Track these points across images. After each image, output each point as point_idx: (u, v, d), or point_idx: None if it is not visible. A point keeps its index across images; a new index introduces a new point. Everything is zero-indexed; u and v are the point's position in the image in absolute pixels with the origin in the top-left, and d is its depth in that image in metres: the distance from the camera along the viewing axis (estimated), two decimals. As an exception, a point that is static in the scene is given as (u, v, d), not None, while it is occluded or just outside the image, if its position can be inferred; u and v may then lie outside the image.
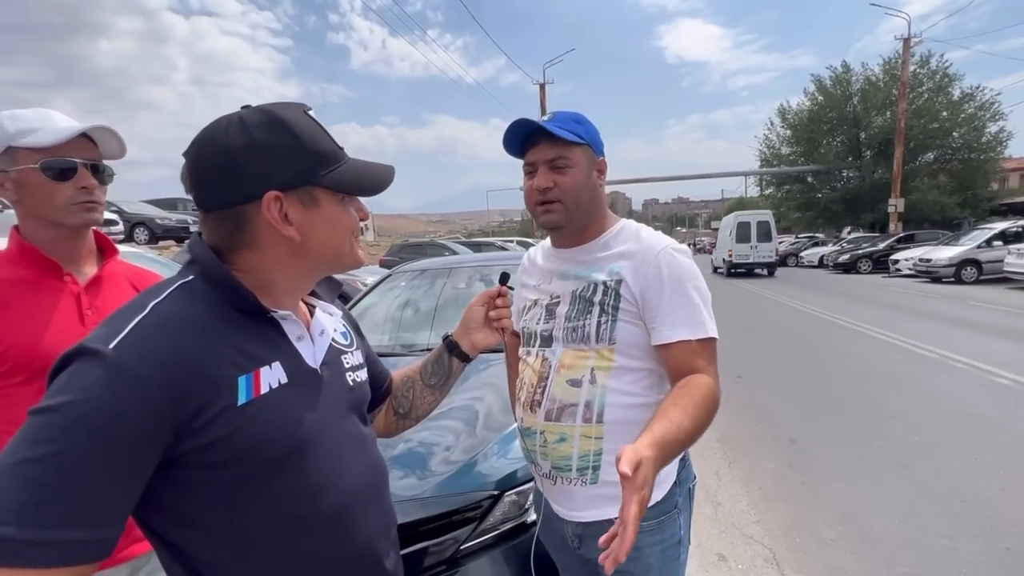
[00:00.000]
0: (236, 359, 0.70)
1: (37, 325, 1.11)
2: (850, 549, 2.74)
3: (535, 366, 1.21)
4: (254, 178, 0.72)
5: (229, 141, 0.71)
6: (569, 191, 1.14)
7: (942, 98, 27.43)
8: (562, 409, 1.14)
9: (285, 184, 0.73)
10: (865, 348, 7.31)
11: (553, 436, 1.15)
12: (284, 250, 0.76)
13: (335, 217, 0.78)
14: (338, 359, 0.88)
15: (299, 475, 0.73)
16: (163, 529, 0.70)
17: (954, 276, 14.84)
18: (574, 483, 1.15)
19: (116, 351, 0.61)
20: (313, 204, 0.75)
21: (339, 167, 0.77)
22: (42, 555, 0.55)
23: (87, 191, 1.16)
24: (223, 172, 0.72)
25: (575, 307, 1.17)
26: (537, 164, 1.15)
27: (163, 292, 0.71)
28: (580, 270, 1.19)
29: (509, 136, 1.17)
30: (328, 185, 0.75)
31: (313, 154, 0.74)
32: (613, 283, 1.13)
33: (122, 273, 1.31)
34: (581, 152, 1.14)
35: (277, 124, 0.73)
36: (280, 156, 0.72)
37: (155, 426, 0.61)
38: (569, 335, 1.16)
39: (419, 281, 3.68)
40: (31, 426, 0.58)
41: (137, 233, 14.02)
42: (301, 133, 0.74)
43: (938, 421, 4.41)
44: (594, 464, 1.13)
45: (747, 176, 44.54)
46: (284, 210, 0.73)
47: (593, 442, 1.13)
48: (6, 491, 0.55)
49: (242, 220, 0.73)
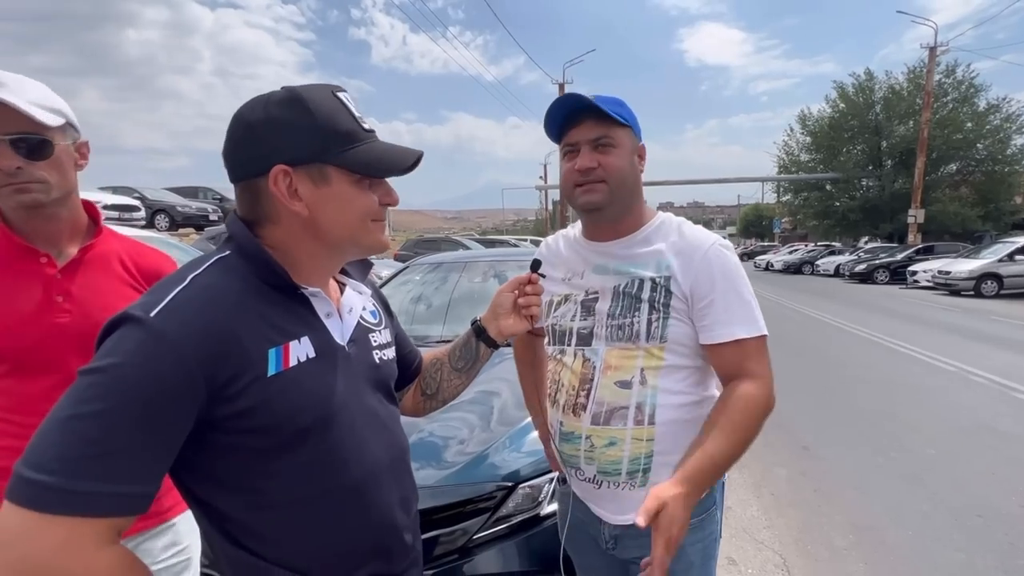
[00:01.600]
0: (267, 332, 0.72)
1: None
2: (862, 559, 2.70)
3: (575, 367, 1.16)
4: (265, 152, 0.74)
5: (251, 117, 0.75)
6: (614, 172, 1.09)
7: (967, 108, 26.97)
8: (612, 412, 1.10)
9: (294, 159, 0.74)
10: (882, 359, 7.21)
11: (602, 440, 1.11)
12: (297, 225, 0.77)
13: (347, 197, 0.78)
14: (366, 337, 0.90)
15: (324, 445, 0.76)
16: (199, 491, 0.74)
17: (974, 289, 14.59)
18: (622, 487, 1.12)
19: (157, 318, 0.65)
20: (323, 182, 0.76)
21: (355, 147, 0.77)
22: (86, 504, 0.59)
23: (6, 172, 1.02)
24: (242, 145, 0.76)
25: (619, 304, 1.12)
26: (579, 144, 1.10)
27: (202, 265, 0.74)
28: (621, 265, 1.14)
29: (554, 111, 1.12)
30: (339, 164, 0.76)
31: (327, 132, 0.75)
32: (662, 279, 1.09)
33: (115, 251, 1.21)
34: (624, 133, 1.11)
35: (295, 102, 0.74)
36: (291, 132, 0.74)
37: (191, 390, 0.64)
38: (614, 333, 1.12)
39: (434, 275, 3.69)
40: (79, 385, 0.62)
41: (158, 220, 14.26)
42: (317, 111, 0.74)
43: (956, 435, 4.34)
44: (644, 467, 1.10)
45: (764, 182, 44.15)
46: (294, 185, 0.75)
47: (645, 444, 1.10)
48: (55, 444, 0.59)
49: (257, 193, 0.76)
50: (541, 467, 1.68)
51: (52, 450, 0.59)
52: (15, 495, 0.58)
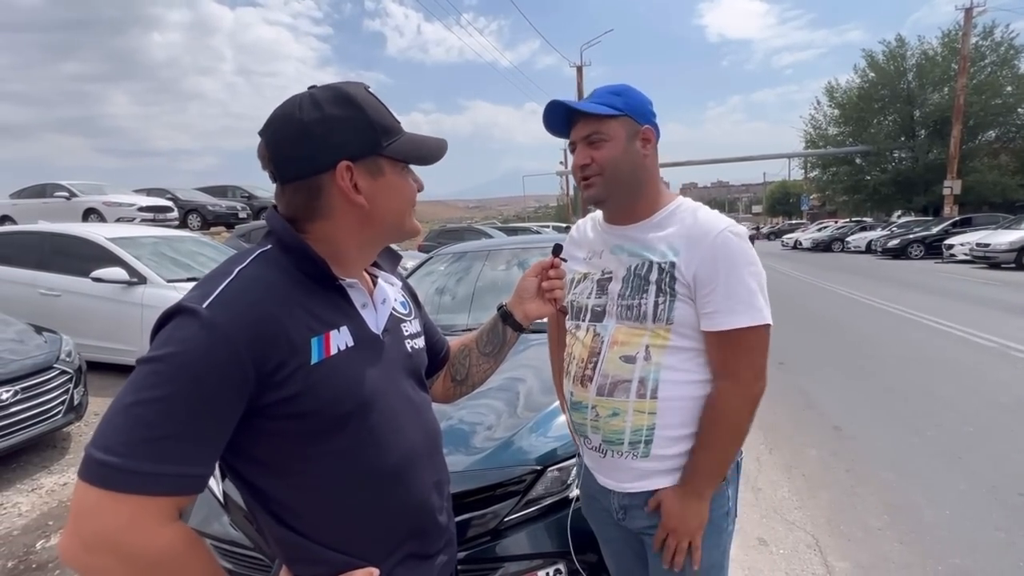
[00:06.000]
0: (309, 322, 0.76)
1: None
2: (897, 538, 2.68)
3: (585, 340, 1.22)
4: (328, 149, 0.78)
5: (303, 116, 0.77)
6: (606, 164, 1.14)
7: (1006, 72, 25.66)
8: (615, 384, 1.16)
9: (355, 154, 0.79)
10: (916, 336, 7.01)
11: (606, 411, 1.17)
12: (354, 218, 0.81)
13: (397, 186, 0.84)
14: (398, 327, 0.94)
15: (364, 431, 0.80)
16: (248, 474, 0.78)
17: (1015, 262, 14.01)
18: (625, 456, 1.17)
19: (209, 310, 0.68)
20: (379, 173, 0.81)
21: (399, 139, 0.83)
22: (147, 484, 0.64)
23: None
24: (299, 145, 0.78)
25: (629, 285, 1.17)
26: (577, 142, 1.17)
27: (246, 259, 0.78)
28: (634, 247, 1.19)
29: (548, 120, 1.20)
30: (391, 155, 0.81)
31: (378, 126, 0.80)
32: (667, 264, 1.13)
33: None
34: (618, 124, 1.14)
35: (345, 99, 0.78)
36: (350, 128, 0.78)
37: (242, 376, 0.68)
38: (623, 312, 1.16)
39: (458, 264, 3.73)
40: (140, 373, 0.66)
41: (190, 219, 14.64)
42: (367, 107, 0.79)
43: (995, 412, 4.22)
44: (646, 439, 1.15)
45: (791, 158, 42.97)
46: (355, 179, 0.79)
47: (647, 417, 1.14)
48: (119, 428, 0.64)
49: (317, 190, 0.79)
50: (569, 450, 1.71)
51: (117, 434, 0.63)
52: (87, 475, 0.63)
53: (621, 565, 1.36)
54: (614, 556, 1.37)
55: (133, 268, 5.34)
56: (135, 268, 5.34)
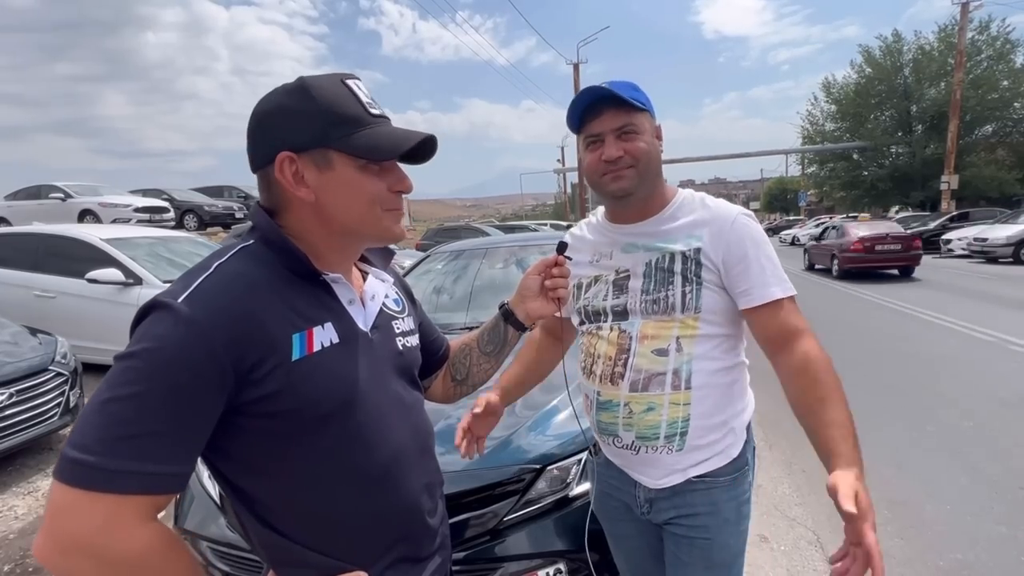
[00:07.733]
0: (291, 318, 0.74)
1: None
2: (898, 534, 2.67)
3: (611, 338, 1.19)
4: (271, 140, 0.76)
5: (259, 107, 0.78)
6: (640, 157, 1.12)
7: (1003, 66, 25.61)
8: (649, 379, 1.14)
9: (298, 145, 0.75)
10: (915, 331, 7.01)
11: (640, 406, 1.16)
12: (307, 212, 0.79)
13: (352, 182, 0.77)
14: (389, 324, 0.91)
15: (348, 430, 0.77)
16: (230, 474, 0.76)
17: (1012, 256, 14.01)
18: (660, 451, 1.17)
19: (185, 304, 0.67)
20: (327, 167, 0.76)
21: (358, 132, 0.76)
22: (123, 483, 0.62)
23: None
24: (254, 136, 0.78)
25: (652, 279, 1.16)
26: (603, 134, 1.13)
27: (227, 254, 0.76)
28: (650, 242, 1.18)
29: (577, 104, 1.14)
30: (341, 148, 0.76)
31: (329, 117, 0.75)
32: (692, 252, 1.13)
33: None
34: (644, 117, 1.14)
35: (299, 90, 0.76)
36: (293, 118, 0.75)
37: (219, 374, 0.66)
38: (649, 307, 1.15)
39: (456, 262, 3.71)
40: (116, 370, 0.64)
41: (187, 220, 14.60)
42: (319, 97, 0.75)
43: (995, 407, 4.22)
44: (682, 431, 1.15)
45: (788, 154, 42.99)
46: (300, 172, 0.76)
47: (682, 408, 1.14)
48: (95, 426, 0.62)
49: (268, 181, 0.78)
50: (568, 449, 1.70)
51: (93, 432, 0.62)
52: (62, 474, 0.61)
53: (632, 561, 1.36)
54: (626, 553, 1.36)
55: (129, 269, 5.31)
56: (131, 269, 5.32)
